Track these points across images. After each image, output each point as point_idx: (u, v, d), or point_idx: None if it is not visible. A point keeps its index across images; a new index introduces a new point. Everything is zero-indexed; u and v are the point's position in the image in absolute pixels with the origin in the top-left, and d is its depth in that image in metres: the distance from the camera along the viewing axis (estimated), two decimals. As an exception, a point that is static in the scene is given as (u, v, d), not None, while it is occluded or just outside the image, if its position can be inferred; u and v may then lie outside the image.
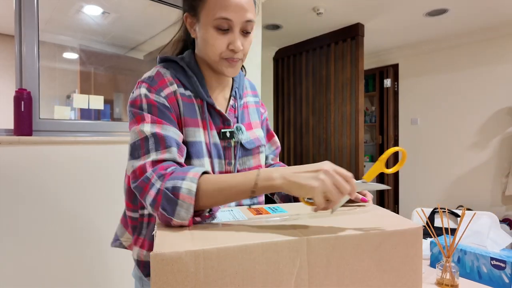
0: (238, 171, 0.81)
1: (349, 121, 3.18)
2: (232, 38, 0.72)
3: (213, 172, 0.76)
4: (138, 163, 0.66)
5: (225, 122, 0.80)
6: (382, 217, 0.64)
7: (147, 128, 0.69)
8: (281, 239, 0.49)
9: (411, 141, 4.00)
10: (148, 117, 0.70)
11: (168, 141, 0.68)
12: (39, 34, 1.56)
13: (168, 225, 0.59)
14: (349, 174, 0.57)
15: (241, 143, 0.82)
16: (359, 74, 3.11)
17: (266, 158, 0.99)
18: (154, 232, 0.56)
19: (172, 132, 0.70)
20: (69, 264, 1.60)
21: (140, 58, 2.49)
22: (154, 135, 0.68)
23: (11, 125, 1.50)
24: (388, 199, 4.15)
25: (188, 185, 0.59)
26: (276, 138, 1.01)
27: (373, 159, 4.48)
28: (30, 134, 1.51)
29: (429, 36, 3.57)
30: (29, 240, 1.49)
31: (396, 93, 4.14)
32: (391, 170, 0.65)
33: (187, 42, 0.87)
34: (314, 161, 3.50)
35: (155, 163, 0.65)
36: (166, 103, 0.72)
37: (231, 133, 0.80)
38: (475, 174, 3.47)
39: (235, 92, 0.86)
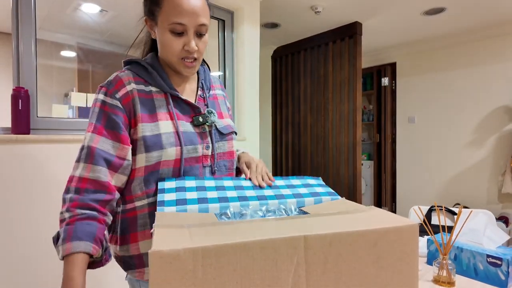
0: (217, 155, 0.86)
1: (347, 119, 3.18)
2: (187, 40, 0.78)
3: (181, 158, 0.80)
4: (72, 172, 0.76)
5: (195, 110, 0.84)
6: (379, 216, 0.65)
7: (88, 137, 0.76)
8: (279, 236, 0.50)
9: (408, 139, 4.01)
10: (92, 126, 0.77)
11: (97, 158, 0.74)
12: (36, 32, 1.56)
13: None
14: None
15: (216, 128, 0.86)
16: (357, 73, 3.12)
17: None
18: (152, 230, 0.56)
19: (107, 146, 0.76)
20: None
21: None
22: (88, 148, 0.75)
23: (8, 123, 1.49)
24: (386, 197, 4.17)
25: (65, 247, 0.68)
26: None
27: (371, 158, 4.49)
28: (28, 133, 1.51)
29: (426, 35, 3.58)
30: (26, 239, 1.49)
31: (393, 92, 4.15)
32: None
33: (152, 44, 0.91)
34: (312, 160, 3.52)
35: (80, 180, 0.74)
36: (120, 105, 0.78)
37: (203, 117, 0.83)
38: (471, 172, 3.49)
39: (202, 83, 0.91)
